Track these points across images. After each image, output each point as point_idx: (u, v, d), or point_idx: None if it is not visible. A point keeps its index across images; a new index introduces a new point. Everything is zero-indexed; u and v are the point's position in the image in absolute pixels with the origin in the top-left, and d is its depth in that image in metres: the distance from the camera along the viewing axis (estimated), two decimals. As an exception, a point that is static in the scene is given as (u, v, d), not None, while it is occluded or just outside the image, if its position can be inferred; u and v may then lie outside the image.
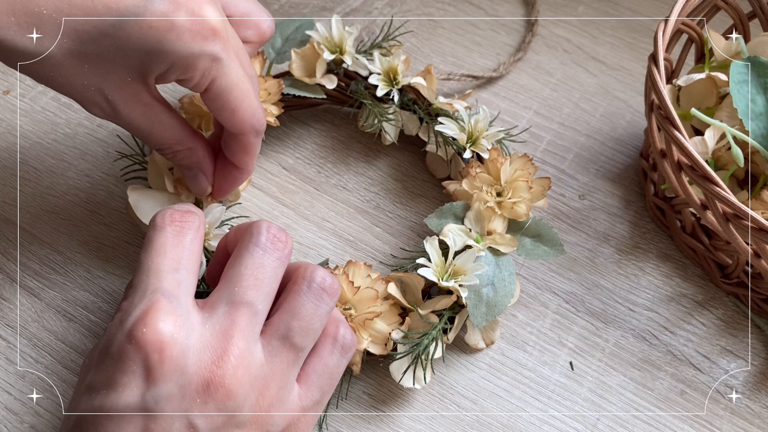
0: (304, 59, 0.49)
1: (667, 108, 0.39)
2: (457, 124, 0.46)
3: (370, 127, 0.48)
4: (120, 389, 0.30)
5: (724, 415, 0.42)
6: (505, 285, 0.42)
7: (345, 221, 0.48)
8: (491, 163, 0.44)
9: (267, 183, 0.50)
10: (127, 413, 0.30)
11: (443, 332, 0.41)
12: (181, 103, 0.47)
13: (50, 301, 0.44)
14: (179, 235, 0.34)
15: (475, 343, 0.43)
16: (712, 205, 0.38)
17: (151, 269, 0.32)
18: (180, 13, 0.34)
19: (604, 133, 0.53)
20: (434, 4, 0.60)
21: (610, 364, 0.43)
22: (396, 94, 0.48)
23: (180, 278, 0.33)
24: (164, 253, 0.33)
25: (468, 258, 0.41)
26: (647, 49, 0.58)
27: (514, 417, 0.41)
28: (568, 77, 0.56)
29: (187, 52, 0.34)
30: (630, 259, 0.47)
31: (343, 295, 0.39)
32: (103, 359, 0.31)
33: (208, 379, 0.31)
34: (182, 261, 0.33)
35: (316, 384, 0.35)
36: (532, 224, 0.43)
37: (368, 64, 0.49)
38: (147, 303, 0.31)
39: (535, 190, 0.44)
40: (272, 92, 0.47)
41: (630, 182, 0.51)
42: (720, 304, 0.46)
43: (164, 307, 0.31)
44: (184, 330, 0.31)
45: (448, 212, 0.44)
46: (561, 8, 0.60)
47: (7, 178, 0.49)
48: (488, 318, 0.41)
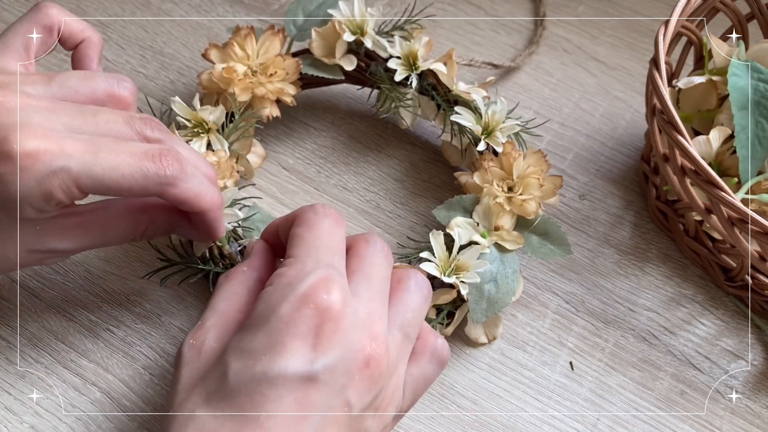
0: (324, 39, 0.48)
1: (669, 112, 0.39)
2: (473, 115, 0.46)
3: (386, 112, 0.48)
4: (288, 354, 0.30)
5: (724, 415, 0.42)
6: (508, 282, 0.42)
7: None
8: (504, 157, 0.44)
9: (267, 183, 0.49)
10: (290, 380, 0.30)
11: (443, 325, 0.41)
12: (200, 80, 0.47)
13: (50, 301, 0.44)
14: (339, 226, 0.35)
15: (476, 338, 0.43)
16: (717, 210, 0.38)
17: (322, 246, 0.33)
18: None
19: (604, 133, 0.53)
20: (434, 4, 0.60)
21: (610, 364, 0.43)
22: (415, 79, 0.47)
23: (342, 262, 0.34)
24: (332, 236, 0.34)
25: (472, 254, 0.41)
26: (647, 49, 0.58)
27: (514, 417, 0.41)
28: (568, 77, 0.56)
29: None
30: (630, 260, 0.47)
31: None
32: (266, 322, 0.31)
33: (368, 356, 0.31)
34: (342, 249, 0.34)
35: (411, 387, 0.35)
36: (540, 222, 0.44)
37: (388, 47, 0.48)
38: (324, 273, 0.32)
39: (546, 188, 0.44)
40: (290, 72, 0.47)
41: (630, 182, 0.51)
42: (720, 305, 0.46)
43: (339, 280, 0.32)
44: (351, 306, 0.32)
45: (457, 205, 0.44)
46: (561, 8, 0.60)
47: (7, 177, 0.49)
48: (488, 314, 0.41)
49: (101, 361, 0.42)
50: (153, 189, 0.34)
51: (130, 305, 0.44)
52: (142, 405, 0.40)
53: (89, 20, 0.57)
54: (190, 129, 0.45)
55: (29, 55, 0.38)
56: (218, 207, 0.37)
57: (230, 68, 0.45)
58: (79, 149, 0.33)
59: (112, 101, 0.37)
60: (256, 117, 0.46)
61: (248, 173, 0.48)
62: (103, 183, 0.33)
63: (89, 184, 0.33)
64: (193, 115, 0.45)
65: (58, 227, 0.35)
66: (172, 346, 0.42)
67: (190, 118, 0.45)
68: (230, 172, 0.43)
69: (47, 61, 0.54)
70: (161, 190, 0.34)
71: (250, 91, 0.45)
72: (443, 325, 0.41)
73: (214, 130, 0.45)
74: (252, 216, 0.44)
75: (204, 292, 0.44)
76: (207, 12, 0.58)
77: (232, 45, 0.46)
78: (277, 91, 0.46)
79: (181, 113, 0.45)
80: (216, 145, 0.44)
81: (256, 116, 0.46)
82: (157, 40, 0.56)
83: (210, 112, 0.45)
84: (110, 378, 0.41)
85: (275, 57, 0.47)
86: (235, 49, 0.46)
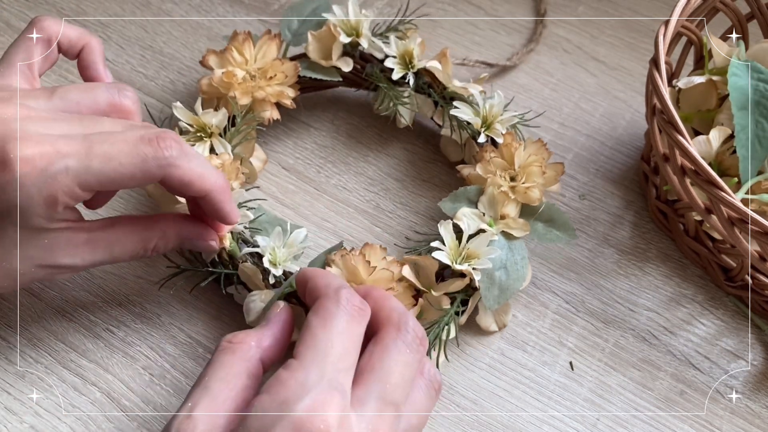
0: (320, 42, 0.49)
1: (670, 113, 0.39)
2: (472, 109, 0.46)
3: (385, 111, 0.48)
4: None
5: (724, 415, 0.42)
6: (518, 268, 0.42)
7: (345, 221, 0.48)
8: (505, 148, 0.44)
9: (267, 183, 0.50)
10: None
11: (456, 314, 0.41)
12: (200, 85, 0.47)
13: (50, 301, 0.44)
14: (359, 324, 0.33)
15: (487, 326, 0.43)
16: (717, 209, 0.38)
17: (332, 353, 0.31)
18: None
19: (604, 133, 0.53)
20: (434, 4, 0.60)
21: (610, 364, 0.43)
22: (411, 77, 0.48)
23: (352, 369, 0.32)
24: (348, 337, 0.32)
25: (482, 242, 0.41)
26: (647, 49, 0.58)
27: (514, 417, 0.41)
28: (568, 77, 0.56)
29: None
30: (630, 260, 0.47)
31: (359, 275, 0.39)
32: None
33: None
34: (355, 351, 0.32)
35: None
36: (545, 209, 0.44)
37: (384, 47, 0.48)
38: (324, 394, 0.30)
39: (549, 175, 0.44)
40: (289, 75, 0.47)
41: (630, 182, 0.51)
42: (720, 305, 0.46)
43: (338, 403, 0.30)
44: (344, 429, 0.30)
45: (462, 196, 0.44)
46: (561, 8, 0.60)
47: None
48: (500, 301, 0.42)
49: (101, 361, 0.42)
50: (155, 173, 0.34)
51: (130, 305, 0.44)
52: (141, 405, 0.40)
53: (89, 20, 0.57)
54: (192, 133, 0.45)
55: (33, 73, 0.39)
56: (225, 188, 0.37)
57: (230, 72, 0.45)
58: (74, 148, 0.33)
59: (115, 111, 0.37)
60: (257, 120, 0.46)
61: (252, 176, 0.48)
62: (103, 174, 0.33)
63: (90, 180, 0.33)
64: (195, 120, 0.45)
65: (67, 242, 0.35)
66: (172, 346, 0.42)
67: (193, 122, 0.45)
68: (236, 174, 0.43)
69: (47, 61, 0.54)
70: (164, 173, 0.34)
71: (251, 95, 0.46)
72: (458, 315, 0.42)
73: (216, 134, 0.45)
74: (258, 218, 0.44)
75: (205, 291, 0.44)
76: (207, 12, 0.58)
77: (231, 50, 0.47)
78: (276, 94, 0.46)
79: (183, 118, 0.45)
80: (219, 148, 0.45)
81: (258, 119, 0.46)
82: (157, 40, 0.56)
83: (212, 116, 0.45)
84: (110, 378, 0.41)
85: (273, 61, 0.47)
86: (233, 54, 0.47)
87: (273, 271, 0.40)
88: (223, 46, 0.48)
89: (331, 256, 0.40)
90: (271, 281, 0.40)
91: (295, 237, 0.42)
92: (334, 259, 0.40)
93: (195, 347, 0.43)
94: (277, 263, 0.41)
